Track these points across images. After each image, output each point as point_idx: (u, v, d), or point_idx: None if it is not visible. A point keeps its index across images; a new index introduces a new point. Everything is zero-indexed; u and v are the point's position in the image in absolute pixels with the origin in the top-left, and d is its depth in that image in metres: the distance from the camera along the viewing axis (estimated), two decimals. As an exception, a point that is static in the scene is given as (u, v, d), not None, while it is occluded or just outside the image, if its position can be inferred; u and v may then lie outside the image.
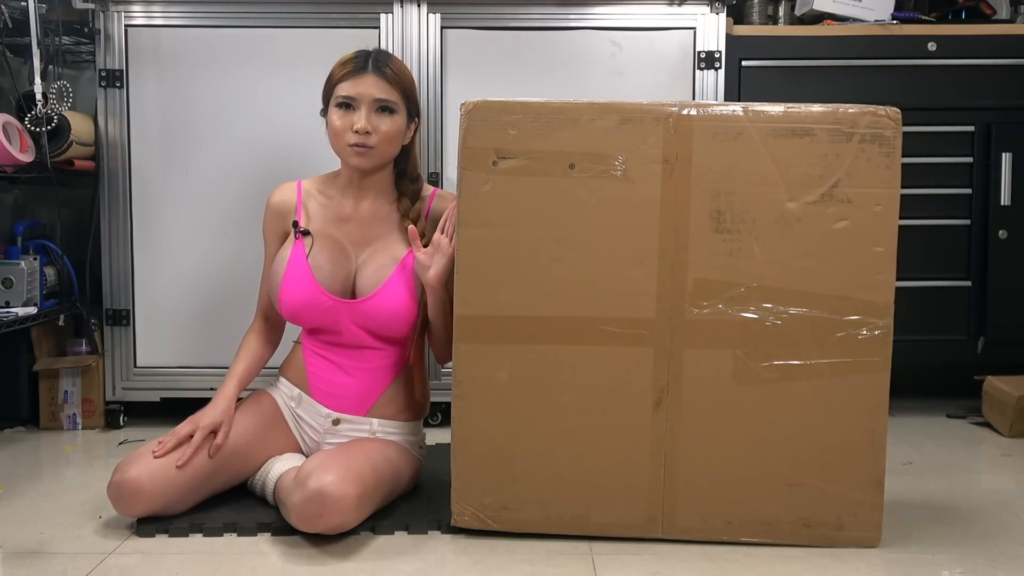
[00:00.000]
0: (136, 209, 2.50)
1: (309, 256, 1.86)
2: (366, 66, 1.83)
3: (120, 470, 1.74)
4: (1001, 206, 2.64)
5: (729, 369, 1.69)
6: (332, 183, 1.95)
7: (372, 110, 1.83)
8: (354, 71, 1.83)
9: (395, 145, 1.87)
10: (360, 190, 1.91)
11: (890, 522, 1.77)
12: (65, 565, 1.63)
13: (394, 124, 1.85)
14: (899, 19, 2.68)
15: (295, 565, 1.63)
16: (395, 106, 1.84)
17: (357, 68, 1.83)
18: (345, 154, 1.85)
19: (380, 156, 1.86)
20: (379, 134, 1.83)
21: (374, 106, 1.83)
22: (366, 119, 1.82)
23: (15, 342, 2.52)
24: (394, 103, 1.84)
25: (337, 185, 1.94)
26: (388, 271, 1.85)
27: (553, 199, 1.69)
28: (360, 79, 1.83)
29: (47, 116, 2.34)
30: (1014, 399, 2.48)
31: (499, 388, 1.72)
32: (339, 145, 1.85)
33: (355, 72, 1.83)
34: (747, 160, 1.68)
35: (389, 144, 1.85)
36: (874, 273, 1.68)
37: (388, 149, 1.86)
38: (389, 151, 1.87)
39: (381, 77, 1.83)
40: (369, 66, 1.83)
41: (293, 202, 1.94)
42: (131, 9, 2.47)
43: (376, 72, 1.83)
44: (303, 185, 1.96)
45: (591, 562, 1.65)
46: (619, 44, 2.49)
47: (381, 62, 1.84)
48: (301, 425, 1.93)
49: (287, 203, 1.94)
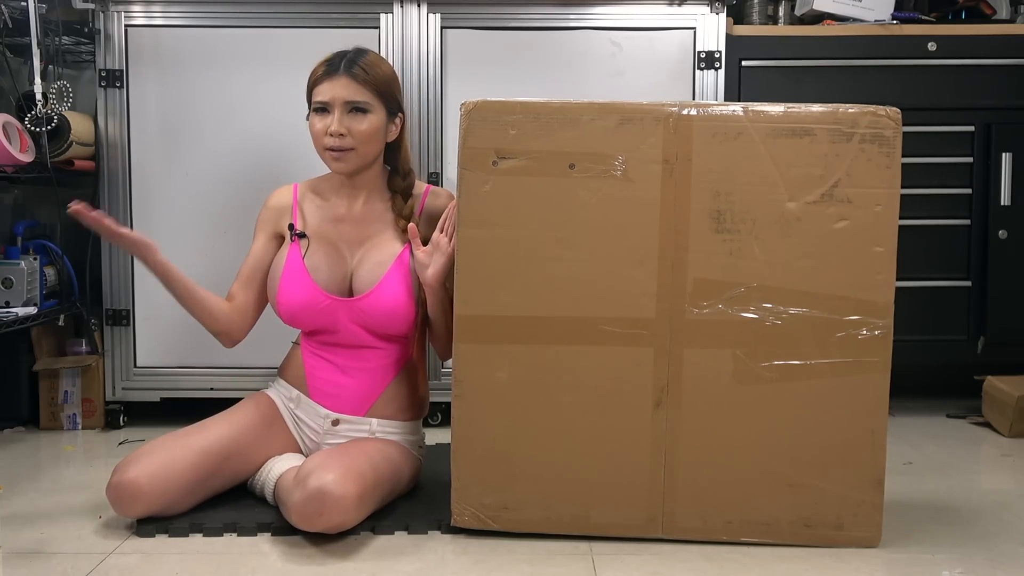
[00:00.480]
0: (136, 209, 2.50)
1: (305, 257, 1.87)
2: (338, 68, 1.83)
3: (119, 471, 1.74)
4: (1001, 206, 2.64)
5: (729, 369, 1.69)
6: (326, 184, 1.96)
7: (344, 112, 1.83)
8: (325, 74, 1.84)
9: (374, 145, 1.87)
10: (353, 189, 1.92)
11: (890, 522, 1.77)
12: (65, 565, 1.63)
13: (369, 124, 1.84)
14: (899, 19, 2.68)
15: (295, 565, 1.63)
16: (367, 106, 1.84)
17: (330, 71, 1.84)
18: (325, 159, 1.87)
19: (360, 157, 1.86)
20: (354, 135, 1.83)
21: (346, 108, 1.83)
22: (338, 122, 1.82)
23: (15, 342, 2.52)
24: (366, 103, 1.84)
25: (331, 186, 1.95)
26: (384, 268, 1.85)
27: (553, 199, 1.69)
28: (332, 82, 1.83)
29: (47, 116, 2.34)
30: (1014, 399, 2.48)
31: (499, 388, 1.72)
32: (319, 150, 1.87)
33: (327, 75, 1.84)
34: (747, 160, 1.68)
35: (367, 144, 1.85)
36: (874, 273, 1.68)
37: (367, 149, 1.86)
38: (368, 151, 1.87)
39: (352, 79, 1.83)
40: (341, 68, 1.83)
41: (289, 204, 1.95)
42: (131, 9, 2.47)
43: (347, 73, 1.83)
44: (299, 188, 1.97)
45: (591, 562, 1.65)
46: (619, 44, 2.49)
47: (353, 62, 1.84)
48: (300, 426, 1.93)
49: (283, 205, 1.95)
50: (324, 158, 1.87)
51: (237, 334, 1.96)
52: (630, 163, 1.68)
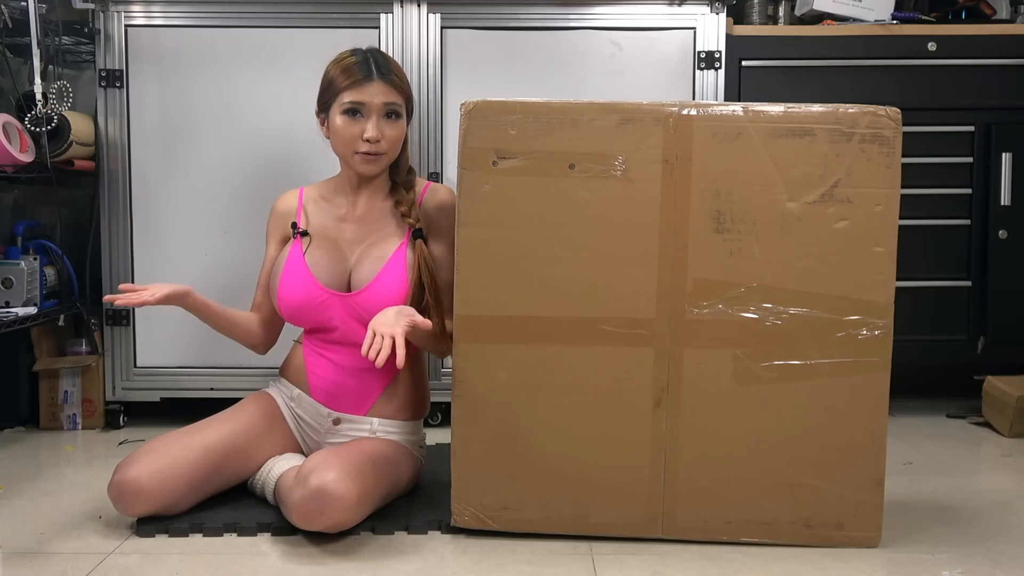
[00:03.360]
0: (136, 209, 2.50)
1: (306, 254, 1.88)
2: (371, 73, 1.85)
3: (120, 470, 1.74)
4: (1001, 206, 2.64)
5: (729, 369, 1.69)
6: (331, 186, 1.98)
7: (381, 116, 1.85)
8: (362, 80, 1.84)
9: (399, 148, 1.91)
10: (356, 189, 1.94)
11: (890, 522, 1.77)
12: (65, 565, 1.63)
13: (400, 129, 1.88)
14: (899, 19, 2.68)
15: (295, 565, 1.63)
16: (401, 109, 1.88)
17: (364, 76, 1.84)
18: (353, 161, 1.87)
19: (388, 160, 1.90)
20: (388, 140, 1.86)
21: (383, 111, 1.85)
22: (376, 127, 1.83)
23: (15, 342, 2.52)
24: (400, 106, 1.87)
25: (336, 187, 1.97)
26: (381, 264, 1.86)
27: (553, 199, 1.69)
28: (367, 86, 1.84)
29: (47, 116, 2.34)
30: (1014, 399, 2.48)
31: (499, 388, 1.72)
32: (347, 152, 1.87)
33: (364, 80, 1.84)
34: (747, 160, 1.68)
35: (396, 148, 1.90)
36: (874, 273, 1.68)
37: (395, 152, 1.91)
38: (395, 154, 1.91)
39: (388, 84, 1.85)
40: (374, 73, 1.85)
41: (294, 207, 1.97)
42: (131, 9, 2.47)
43: (382, 79, 1.85)
44: (304, 191, 2.00)
45: (591, 562, 1.65)
46: (619, 44, 2.49)
47: (385, 68, 1.86)
48: (301, 425, 1.93)
49: (289, 208, 1.98)
50: (351, 160, 1.88)
51: (271, 340, 2.04)
52: (630, 163, 1.68)
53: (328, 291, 1.86)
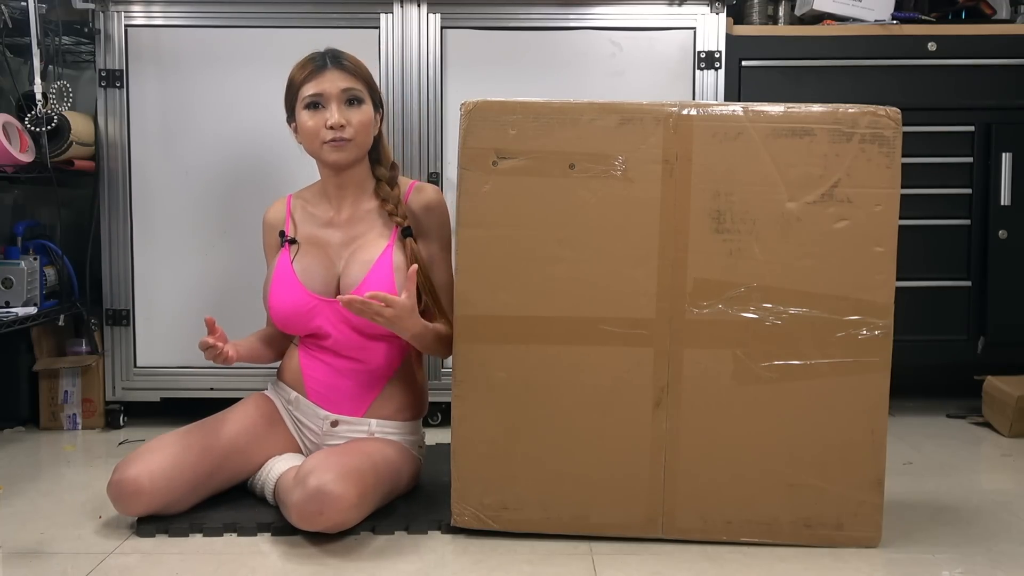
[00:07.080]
0: (136, 209, 2.50)
1: (294, 261, 1.88)
2: (324, 63, 1.85)
3: (120, 469, 1.74)
4: (1001, 206, 2.64)
5: (729, 369, 1.69)
6: (316, 192, 1.97)
7: (341, 103, 1.84)
8: (315, 70, 1.85)
9: (369, 135, 1.89)
10: (340, 191, 1.92)
11: (890, 522, 1.77)
12: (65, 565, 1.63)
13: (365, 113, 1.86)
14: (899, 19, 2.68)
15: (295, 565, 1.63)
16: (361, 95, 1.86)
17: (317, 67, 1.85)
18: (322, 152, 1.86)
19: (357, 147, 1.87)
20: (353, 125, 1.84)
21: (343, 98, 1.84)
22: (339, 112, 1.83)
23: (15, 342, 2.52)
24: (360, 91, 1.86)
25: (318, 192, 1.96)
26: (368, 267, 1.85)
27: (553, 199, 1.69)
28: (323, 76, 1.84)
29: (47, 116, 2.34)
30: (1014, 399, 2.48)
31: (499, 388, 1.72)
32: (314, 145, 1.86)
33: (317, 71, 1.85)
34: (747, 160, 1.68)
35: (365, 134, 1.87)
36: (874, 273, 1.68)
37: (364, 140, 1.88)
38: (364, 142, 1.88)
39: (343, 70, 1.86)
40: (328, 63, 1.85)
41: (282, 216, 1.97)
42: (131, 9, 2.48)
43: (336, 66, 1.85)
44: (292, 199, 1.99)
45: (591, 562, 1.65)
46: (619, 44, 2.49)
47: (338, 57, 1.87)
48: (300, 427, 1.93)
49: (277, 217, 1.97)
50: (320, 152, 1.86)
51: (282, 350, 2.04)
52: (630, 163, 1.68)
53: (317, 298, 1.86)
